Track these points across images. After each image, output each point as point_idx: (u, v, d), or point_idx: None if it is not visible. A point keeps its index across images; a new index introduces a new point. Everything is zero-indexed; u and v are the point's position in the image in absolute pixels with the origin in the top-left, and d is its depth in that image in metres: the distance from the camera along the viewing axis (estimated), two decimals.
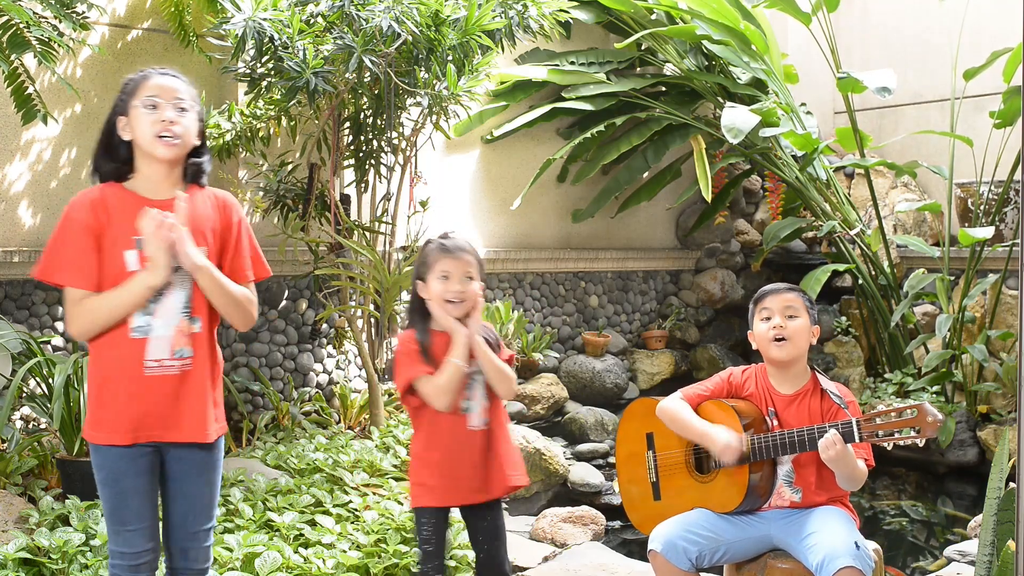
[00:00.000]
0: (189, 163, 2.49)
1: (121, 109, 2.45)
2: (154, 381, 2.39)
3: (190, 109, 2.45)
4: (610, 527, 4.53)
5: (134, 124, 2.42)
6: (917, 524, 5.04)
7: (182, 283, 2.42)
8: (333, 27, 4.45)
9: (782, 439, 2.76)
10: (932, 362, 5.55)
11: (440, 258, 2.72)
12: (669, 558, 2.75)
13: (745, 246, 7.25)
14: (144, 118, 2.40)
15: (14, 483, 3.83)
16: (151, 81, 2.44)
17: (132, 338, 2.38)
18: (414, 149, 5.09)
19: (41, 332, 4.53)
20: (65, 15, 3.98)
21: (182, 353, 2.41)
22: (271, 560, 3.26)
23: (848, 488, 2.81)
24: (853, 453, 2.69)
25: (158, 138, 2.40)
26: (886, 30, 7.58)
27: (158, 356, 2.39)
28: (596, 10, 6.30)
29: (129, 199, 2.42)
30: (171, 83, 2.45)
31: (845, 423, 2.68)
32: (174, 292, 2.40)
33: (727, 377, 2.97)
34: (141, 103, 2.41)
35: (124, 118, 2.44)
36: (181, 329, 2.41)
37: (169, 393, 2.40)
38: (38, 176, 4.65)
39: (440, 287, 2.70)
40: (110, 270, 2.39)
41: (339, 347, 5.37)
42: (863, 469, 2.74)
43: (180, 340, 2.41)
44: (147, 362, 2.38)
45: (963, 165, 6.38)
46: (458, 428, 2.68)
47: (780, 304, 2.87)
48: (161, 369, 2.39)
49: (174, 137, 2.41)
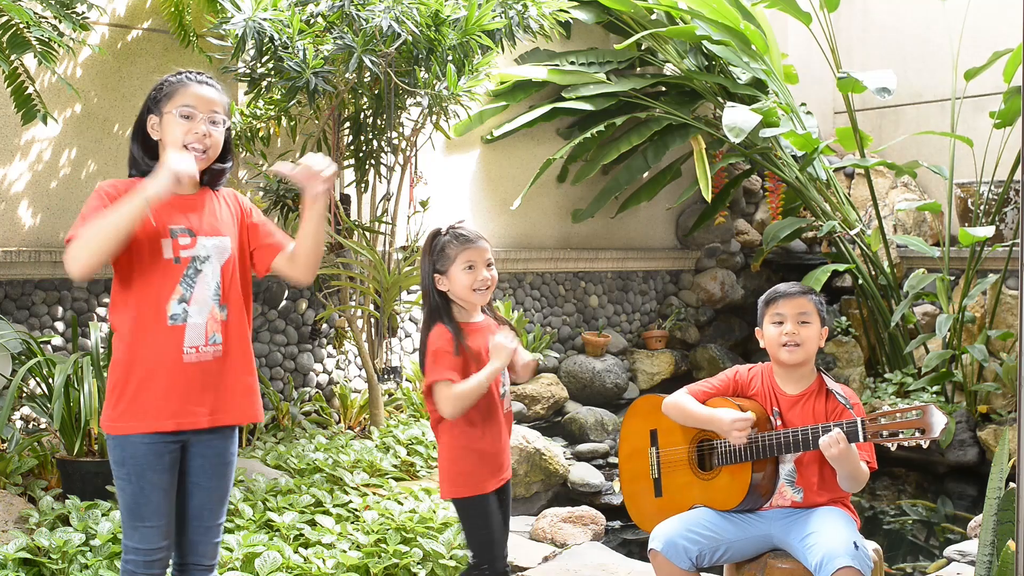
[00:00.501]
0: (212, 167, 2.54)
1: (154, 109, 2.48)
2: (192, 367, 2.43)
3: (221, 122, 2.50)
4: (610, 527, 4.53)
5: (166, 129, 2.46)
6: (917, 524, 5.04)
7: (213, 271, 2.47)
8: (333, 27, 4.46)
9: (786, 437, 2.76)
10: (932, 362, 5.55)
11: (463, 249, 2.72)
12: (669, 557, 2.75)
13: (745, 246, 7.25)
14: (177, 127, 2.44)
15: (14, 483, 3.83)
16: (190, 90, 2.47)
17: (170, 326, 2.41)
18: (414, 149, 5.09)
19: (41, 332, 4.53)
20: (65, 15, 3.98)
21: (215, 340, 2.46)
22: (271, 560, 3.26)
23: (849, 489, 2.80)
24: (856, 453, 2.69)
25: (187, 148, 2.44)
26: (886, 30, 7.59)
27: (195, 343, 2.43)
28: (596, 10, 6.31)
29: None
30: (209, 94, 2.49)
31: (850, 422, 2.68)
32: (206, 279, 2.45)
33: (733, 375, 2.97)
34: (177, 111, 2.44)
35: (155, 118, 2.48)
36: (213, 316, 2.46)
37: (208, 380, 2.45)
38: (38, 176, 4.65)
39: (467, 278, 2.70)
40: (147, 258, 2.41)
41: (339, 347, 5.38)
42: (865, 470, 2.74)
43: (213, 327, 2.46)
44: (186, 349, 2.42)
45: (963, 165, 6.38)
46: (497, 414, 2.75)
47: (794, 310, 2.86)
48: (198, 356, 2.44)
49: (204, 149, 2.47)
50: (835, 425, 2.69)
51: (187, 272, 2.43)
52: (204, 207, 2.51)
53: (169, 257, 2.42)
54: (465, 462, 2.71)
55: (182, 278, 2.42)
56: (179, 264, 2.42)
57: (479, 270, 2.71)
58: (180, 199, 2.46)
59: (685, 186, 6.68)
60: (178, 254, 2.43)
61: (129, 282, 2.43)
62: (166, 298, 2.41)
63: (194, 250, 2.45)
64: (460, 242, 2.72)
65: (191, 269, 2.44)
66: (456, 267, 2.71)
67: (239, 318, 2.52)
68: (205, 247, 2.46)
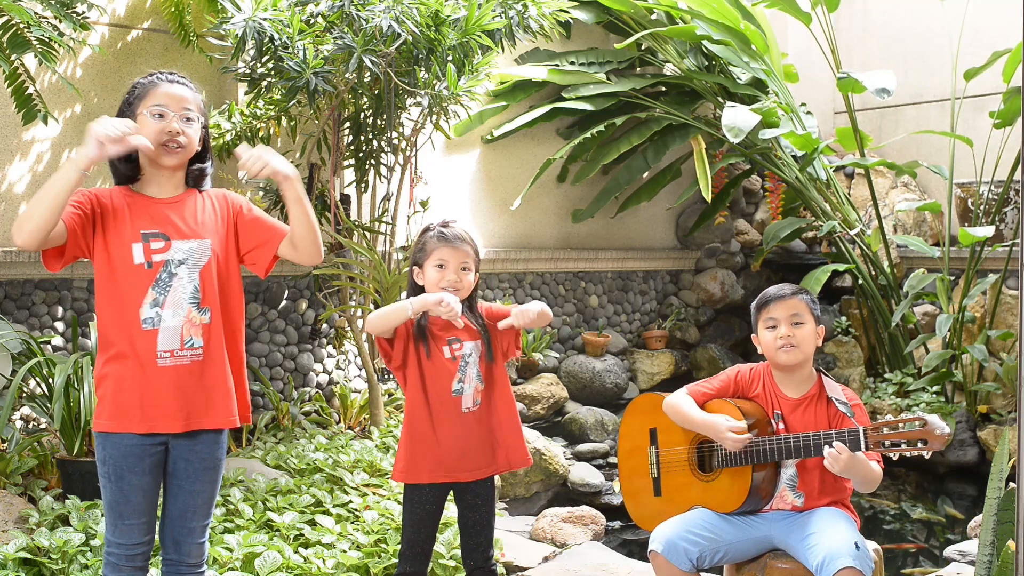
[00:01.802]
0: (192, 168, 2.56)
1: (127, 112, 2.50)
2: (167, 372, 2.43)
3: (195, 119, 2.51)
4: (610, 527, 4.53)
5: (140, 129, 2.47)
6: (917, 524, 5.04)
7: (190, 275, 2.47)
8: (333, 27, 4.45)
9: (787, 443, 2.75)
10: (932, 362, 5.55)
11: (438, 246, 2.72)
12: (669, 558, 2.75)
13: (745, 246, 7.25)
14: (151, 126, 2.45)
15: (14, 483, 3.83)
16: (160, 89, 2.48)
17: (144, 330, 2.42)
18: (414, 149, 5.09)
19: (41, 332, 4.53)
20: (65, 15, 3.98)
21: (193, 344, 2.45)
22: (271, 560, 3.26)
23: (864, 491, 2.79)
24: (864, 458, 2.68)
25: (163, 146, 2.46)
26: (886, 30, 7.59)
27: (169, 347, 2.43)
28: (596, 10, 6.30)
29: (138, 200, 2.50)
30: (179, 92, 2.50)
31: (852, 431, 2.66)
32: (181, 282, 2.45)
33: (734, 375, 2.96)
34: (149, 111, 2.46)
35: (132, 122, 2.48)
36: (190, 319, 2.46)
37: (183, 384, 2.44)
38: (38, 176, 4.65)
39: (436, 275, 2.71)
40: (118, 263, 2.44)
41: (339, 347, 5.38)
42: (877, 470, 2.72)
43: (190, 330, 2.45)
44: (160, 353, 2.42)
45: (963, 165, 6.38)
46: (449, 406, 2.70)
47: (786, 312, 2.86)
48: (173, 360, 2.44)
49: (179, 147, 2.48)
50: (836, 434, 2.67)
51: (160, 276, 2.44)
52: (184, 210, 2.52)
53: (140, 262, 2.44)
54: (404, 447, 2.73)
55: (154, 282, 2.44)
56: (151, 268, 2.44)
57: (448, 271, 2.70)
58: (159, 203, 2.49)
59: (685, 186, 6.68)
60: (150, 258, 2.44)
61: (103, 286, 2.47)
62: (138, 302, 2.42)
63: (167, 254, 2.46)
64: (439, 239, 2.73)
65: (164, 273, 2.45)
66: (429, 263, 2.72)
67: (223, 321, 2.52)
68: (180, 251, 2.47)
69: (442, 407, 2.70)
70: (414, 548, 2.74)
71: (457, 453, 2.70)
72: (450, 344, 2.73)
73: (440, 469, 2.70)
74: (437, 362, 2.71)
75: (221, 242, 2.54)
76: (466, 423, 2.71)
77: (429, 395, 2.70)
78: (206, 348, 2.47)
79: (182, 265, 2.46)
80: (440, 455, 2.70)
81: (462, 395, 2.71)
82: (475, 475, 2.73)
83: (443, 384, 2.70)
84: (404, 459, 2.73)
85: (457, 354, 2.71)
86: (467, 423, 2.71)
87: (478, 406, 2.73)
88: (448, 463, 2.70)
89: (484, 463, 2.73)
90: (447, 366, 2.71)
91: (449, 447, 2.70)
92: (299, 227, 2.52)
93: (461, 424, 2.71)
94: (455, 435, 2.70)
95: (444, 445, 2.70)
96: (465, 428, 2.71)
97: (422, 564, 2.76)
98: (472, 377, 2.73)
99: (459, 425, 2.71)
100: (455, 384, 2.70)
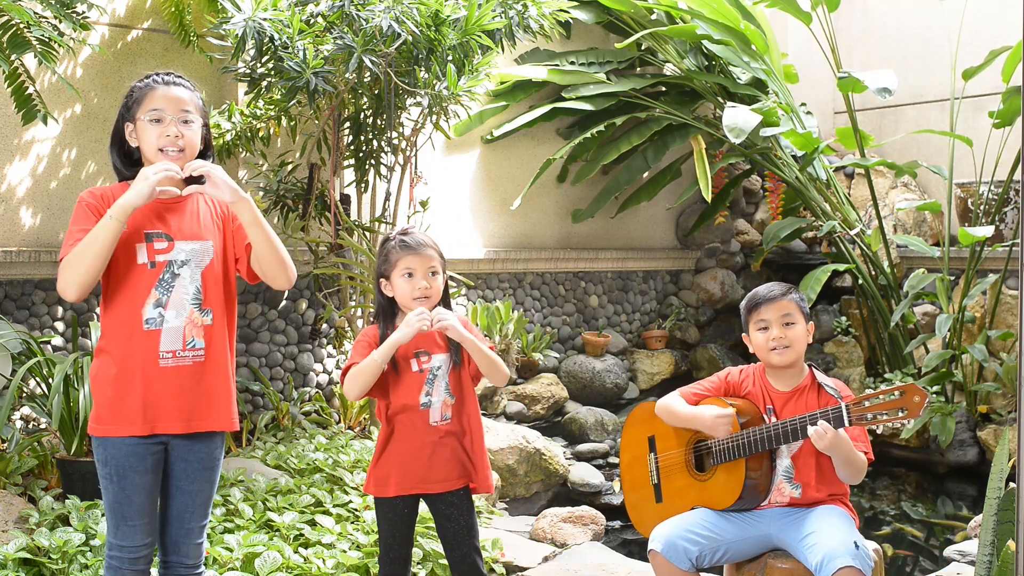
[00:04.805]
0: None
1: (128, 117, 2.50)
2: (169, 372, 2.43)
3: (194, 119, 2.50)
4: (610, 527, 4.53)
5: (140, 135, 2.48)
6: (917, 524, 5.04)
7: (192, 275, 2.47)
8: (333, 27, 4.45)
9: (775, 429, 2.77)
10: (932, 362, 5.55)
11: (403, 255, 2.68)
12: (669, 558, 2.76)
13: (745, 246, 7.25)
14: (150, 131, 2.45)
15: (14, 483, 3.83)
16: (157, 92, 2.47)
17: (146, 330, 2.42)
18: (414, 149, 5.09)
19: (41, 332, 4.53)
20: (65, 15, 3.98)
21: (195, 344, 2.46)
22: (271, 560, 3.26)
23: (848, 481, 2.80)
24: (848, 439, 2.69)
25: (162, 151, 2.45)
26: (886, 30, 7.59)
27: (171, 347, 2.43)
28: (596, 10, 6.31)
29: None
30: (177, 94, 2.48)
31: (835, 408, 2.69)
32: (183, 284, 2.45)
33: (725, 376, 2.99)
34: (147, 117, 2.45)
35: (131, 125, 2.49)
36: (192, 320, 2.46)
37: (185, 385, 2.44)
38: (38, 176, 4.65)
39: (405, 285, 2.67)
40: (121, 263, 2.44)
41: (339, 347, 5.38)
42: (862, 459, 2.74)
43: (192, 331, 2.45)
44: (162, 353, 2.42)
45: (963, 165, 6.38)
46: (416, 419, 2.67)
47: (777, 314, 2.87)
48: (175, 360, 2.44)
49: (179, 150, 2.47)
50: (821, 414, 2.69)
51: (163, 276, 2.44)
52: (186, 210, 2.51)
53: (144, 262, 2.44)
54: (374, 459, 2.71)
55: (158, 282, 2.43)
56: (155, 268, 2.44)
57: (418, 278, 2.66)
58: (161, 203, 2.47)
59: (685, 186, 6.68)
60: (153, 259, 2.44)
61: (108, 287, 2.46)
62: (141, 302, 2.42)
63: (171, 254, 2.45)
64: (401, 248, 2.69)
65: (167, 273, 2.44)
66: (396, 273, 2.68)
67: (223, 323, 2.52)
68: (183, 251, 2.46)
69: (409, 420, 2.67)
70: (391, 553, 2.72)
71: (424, 465, 2.66)
72: (418, 356, 2.69)
73: (407, 480, 2.67)
74: (404, 375, 2.68)
75: (220, 244, 2.54)
76: (434, 436, 2.67)
77: (396, 408, 2.67)
78: (207, 349, 2.47)
79: (185, 266, 2.46)
80: (407, 467, 2.66)
81: (430, 408, 2.67)
82: (444, 487, 2.69)
83: (410, 397, 2.67)
84: (373, 471, 2.71)
85: (425, 367, 2.68)
86: (435, 436, 2.67)
87: (447, 421, 2.69)
88: (416, 474, 2.67)
89: (454, 475, 2.69)
90: (415, 379, 2.67)
91: (415, 459, 2.66)
92: (259, 249, 2.48)
93: (429, 437, 2.67)
94: (422, 448, 2.66)
95: (411, 457, 2.66)
96: (433, 441, 2.67)
97: (402, 568, 2.73)
98: (440, 390, 2.69)
99: (427, 437, 2.67)
100: (422, 397, 2.66)
